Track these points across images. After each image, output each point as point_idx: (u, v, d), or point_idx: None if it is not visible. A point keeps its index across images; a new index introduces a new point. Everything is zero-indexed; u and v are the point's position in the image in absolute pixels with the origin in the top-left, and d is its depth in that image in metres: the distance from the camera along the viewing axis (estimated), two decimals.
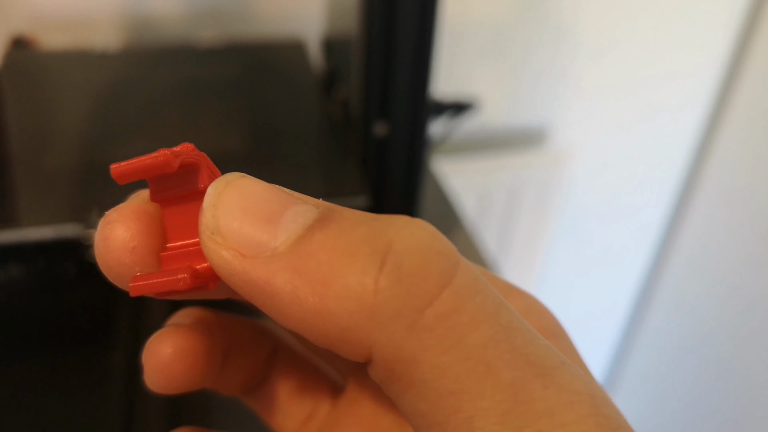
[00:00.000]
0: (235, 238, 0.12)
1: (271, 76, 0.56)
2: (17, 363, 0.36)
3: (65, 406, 0.34)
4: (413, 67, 0.39)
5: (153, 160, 0.12)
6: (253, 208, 0.12)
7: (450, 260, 0.12)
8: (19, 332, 0.38)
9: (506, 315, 0.12)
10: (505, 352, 0.11)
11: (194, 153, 0.13)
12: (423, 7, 0.36)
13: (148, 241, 0.13)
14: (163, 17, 0.70)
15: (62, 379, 0.35)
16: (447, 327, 0.11)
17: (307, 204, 0.12)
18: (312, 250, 0.12)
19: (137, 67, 0.56)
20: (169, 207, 0.13)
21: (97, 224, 0.14)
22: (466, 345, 0.11)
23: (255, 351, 0.18)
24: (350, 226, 0.12)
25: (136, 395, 0.31)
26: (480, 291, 0.12)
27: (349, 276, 0.12)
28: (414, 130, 0.42)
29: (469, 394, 0.11)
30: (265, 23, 0.72)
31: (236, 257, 0.12)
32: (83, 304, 0.40)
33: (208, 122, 0.48)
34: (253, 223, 0.12)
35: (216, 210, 0.12)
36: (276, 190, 0.13)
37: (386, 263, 0.12)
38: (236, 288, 0.12)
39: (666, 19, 0.93)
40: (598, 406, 0.12)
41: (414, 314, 0.11)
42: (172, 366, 0.14)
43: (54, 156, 0.42)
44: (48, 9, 0.66)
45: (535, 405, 0.11)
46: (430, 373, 0.11)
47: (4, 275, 0.37)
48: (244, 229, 0.12)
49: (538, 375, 0.11)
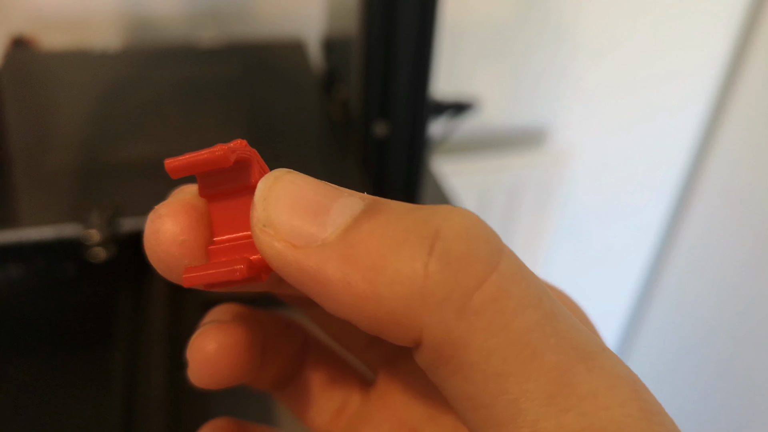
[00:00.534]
0: (286, 230, 0.12)
1: (271, 76, 0.56)
2: (17, 362, 0.36)
3: (65, 406, 0.34)
4: (413, 67, 0.39)
5: (210, 155, 0.13)
6: (302, 201, 0.13)
7: (495, 246, 0.12)
8: (18, 332, 0.38)
9: (548, 301, 0.12)
10: (550, 336, 0.12)
11: (248, 149, 0.13)
12: (423, 7, 0.36)
13: (197, 235, 0.14)
14: (163, 17, 0.70)
15: (62, 378, 0.35)
16: (494, 311, 0.12)
17: (353, 197, 0.13)
18: (361, 239, 0.12)
19: (137, 67, 0.56)
20: (216, 202, 0.14)
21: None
22: (513, 329, 0.12)
23: (286, 346, 0.18)
24: (397, 215, 0.13)
25: (136, 395, 0.31)
26: (524, 277, 0.12)
27: (399, 262, 0.12)
28: (414, 130, 0.42)
29: (516, 377, 0.12)
30: (265, 23, 0.72)
31: (288, 248, 0.12)
32: (83, 304, 0.40)
33: (208, 122, 0.48)
34: (302, 216, 0.13)
35: (267, 203, 0.13)
36: (323, 184, 0.13)
37: (435, 249, 0.12)
38: (288, 278, 0.13)
39: (666, 19, 0.93)
40: (638, 391, 0.12)
41: (463, 298, 0.12)
42: (216, 362, 0.15)
43: (54, 156, 0.42)
44: (48, 9, 0.66)
45: (579, 388, 0.11)
46: (478, 356, 0.12)
47: (4, 275, 0.37)
48: (295, 221, 0.12)
49: (582, 359, 0.12)
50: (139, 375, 0.32)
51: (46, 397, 0.34)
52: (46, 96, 0.50)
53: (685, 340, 1.04)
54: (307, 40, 0.63)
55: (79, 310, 0.40)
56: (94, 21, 0.68)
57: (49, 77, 0.54)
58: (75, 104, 0.49)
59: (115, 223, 0.34)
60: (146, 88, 0.52)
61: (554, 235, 1.13)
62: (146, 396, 0.31)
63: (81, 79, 0.53)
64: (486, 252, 0.12)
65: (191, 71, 0.56)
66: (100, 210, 0.34)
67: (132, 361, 0.33)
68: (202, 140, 0.44)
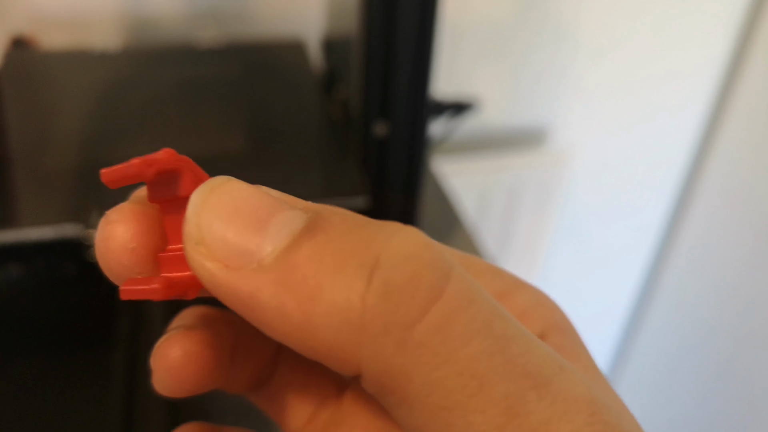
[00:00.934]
0: (219, 249, 0.12)
1: (270, 76, 0.56)
2: (17, 362, 0.36)
3: (65, 406, 0.34)
4: (413, 67, 0.39)
5: (127, 168, 0.12)
6: (238, 216, 0.12)
7: (441, 271, 0.12)
8: (19, 332, 0.38)
9: (500, 324, 0.12)
10: (500, 365, 0.11)
11: (174, 159, 0.12)
12: (423, 7, 0.36)
13: (147, 242, 0.13)
14: (163, 17, 0.70)
15: (62, 378, 0.35)
16: (438, 342, 0.11)
17: (294, 209, 0.12)
18: (298, 263, 0.11)
19: (137, 67, 0.56)
20: (167, 208, 0.13)
21: (98, 224, 0.14)
22: (458, 359, 0.11)
23: (260, 348, 0.17)
24: (338, 235, 0.12)
25: (136, 395, 0.31)
26: (473, 301, 0.12)
27: (335, 293, 0.11)
28: (414, 130, 0.42)
29: (462, 410, 0.11)
30: (265, 23, 0.72)
31: (221, 269, 0.12)
32: (83, 304, 0.40)
33: (208, 122, 0.48)
34: (238, 233, 0.12)
35: (199, 219, 0.12)
36: (263, 194, 0.12)
37: (374, 278, 0.11)
38: (220, 299, 0.12)
39: (666, 19, 0.93)
40: (596, 413, 0.11)
41: (403, 331, 0.11)
42: (181, 370, 0.14)
43: (54, 156, 0.42)
44: (48, 9, 0.66)
45: (530, 418, 0.11)
46: (421, 389, 0.11)
47: (5, 275, 0.37)
48: (229, 240, 0.12)
49: (534, 386, 0.11)
50: (139, 375, 0.32)
51: (47, 397, 0.34)
52: (46, 96, 0.51)
53: (685, 340, 1.04)
54: (307, 40, 0.63)
55: (79, 310, 0.40)
56: (94, 21, 0.68)
57: (49, 77, 0.54)
58: (75, 104, 0.49)
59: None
60: (146, 88, 0.52)
61: (554, 235, 1.13)
62: (146, 395, 0.31)
63: (81, 79, 0.53)
64: (429, 279, 0.11)
65: (191, 71, 0.56)
66: (100, 210, 0.34)
67: (132, 360, 0.33)
68: (202, 140, 0.44)
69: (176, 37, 0.70)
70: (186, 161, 0.13)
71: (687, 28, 0.96)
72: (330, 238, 0.12)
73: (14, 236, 0.35)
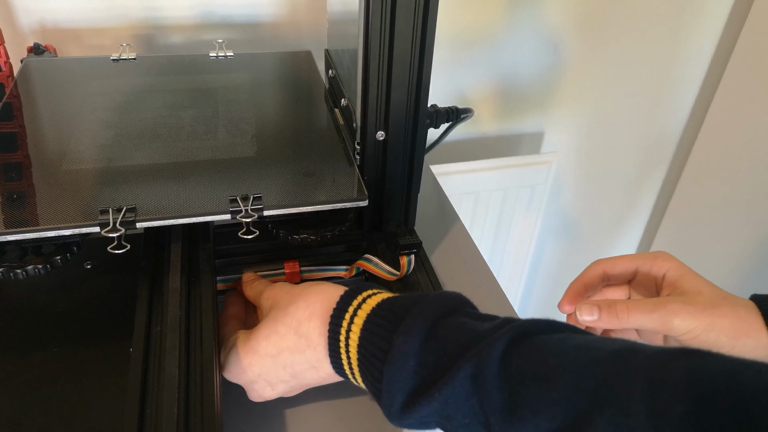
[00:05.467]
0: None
1: (280, 83, 0.57)
2: (37, 355, 0.37)
3: (83, 396, 0.35)
4: (410, 79, 0.40)
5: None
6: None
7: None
8: (39, 326, 0.40)
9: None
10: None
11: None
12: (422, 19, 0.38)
13: None
14: (176, 28, 0.71)
15: (80, 370, 0.36)
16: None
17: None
18: None
19: (151, 75, 0.57)
20: None
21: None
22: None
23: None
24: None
25: (151, 386, 0.32)
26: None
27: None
28: (412, 137, 0.43)
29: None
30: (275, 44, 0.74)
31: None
32: (100, 299, 0.42)
33: (220, 127, 0.49)
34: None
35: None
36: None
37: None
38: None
39: (656, 22, 0.94)
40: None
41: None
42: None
43: (71, 159, 0.43)
44: (63, 20, 0.67)
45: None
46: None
47: (25, 271, 0.38)
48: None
49: None
50: (154, 366, 0.33)
51: (65, 388, 0.35)
52: (62, 102, 0.52)
53: None
54: (315, 51, 0.65)
55: (96, 304, 0.41)
56: (110, 32, 0.69)
57: (66, 83, 0.55)
58: (91, 110, 0.50)
59: (131, 221, 0.35)
60: (160, 93, 0.53)
61: (546, 234, 1.14)
62: (160, 387, 0.32)
63: (97, 86, 0.54)
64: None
65: (203, 78, 0.57)
66: (116, 209, 0.36)
67: (146, 353, 0.34)
68: (214, 145, 0.45)
69: (188, 45, 0.71)
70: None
71: (684, 28, 0.97)
72: None
73: (35, 234, 0.36)
